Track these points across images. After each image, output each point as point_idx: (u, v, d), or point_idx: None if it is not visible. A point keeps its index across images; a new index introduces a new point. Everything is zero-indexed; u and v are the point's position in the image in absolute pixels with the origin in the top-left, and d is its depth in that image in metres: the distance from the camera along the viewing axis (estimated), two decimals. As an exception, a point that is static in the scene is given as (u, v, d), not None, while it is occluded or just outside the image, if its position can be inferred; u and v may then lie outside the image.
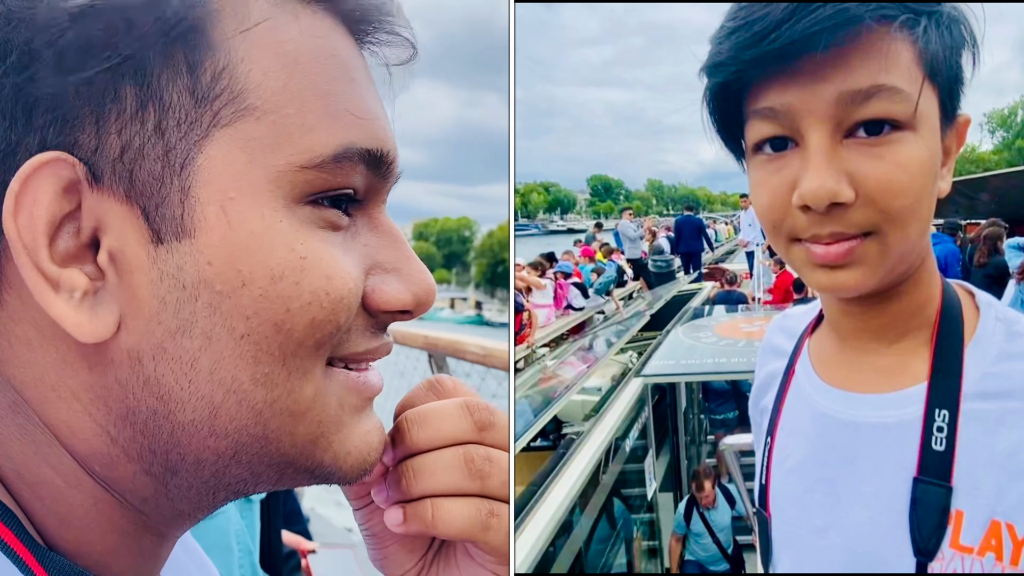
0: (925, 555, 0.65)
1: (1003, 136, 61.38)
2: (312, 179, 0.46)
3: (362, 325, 0.50)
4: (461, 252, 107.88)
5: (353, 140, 0.47)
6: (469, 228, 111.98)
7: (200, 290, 0.44)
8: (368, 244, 0.51)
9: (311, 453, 0.49)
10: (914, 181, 0.63)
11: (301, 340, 0.46)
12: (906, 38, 0.62)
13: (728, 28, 0.64)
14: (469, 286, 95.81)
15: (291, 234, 0.46)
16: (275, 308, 0.45)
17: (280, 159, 0.45)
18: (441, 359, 2.73)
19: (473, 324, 66.15)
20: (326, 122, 0.47)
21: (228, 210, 0.44)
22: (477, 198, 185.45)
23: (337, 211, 0.48)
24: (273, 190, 0.45)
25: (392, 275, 0.51)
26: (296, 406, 0.47)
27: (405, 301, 0.51)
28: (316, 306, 0.46)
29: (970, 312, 0.72)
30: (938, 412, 0.67)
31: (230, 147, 0.45)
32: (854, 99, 0.61)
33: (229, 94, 0.45)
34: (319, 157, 0.46)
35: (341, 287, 0.47)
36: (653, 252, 12.41)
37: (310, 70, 0.47)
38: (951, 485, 0.65)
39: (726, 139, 0.72)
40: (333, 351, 0.49)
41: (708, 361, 5.06)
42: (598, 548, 4.41)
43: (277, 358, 0.46)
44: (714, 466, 5.19)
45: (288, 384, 0.47)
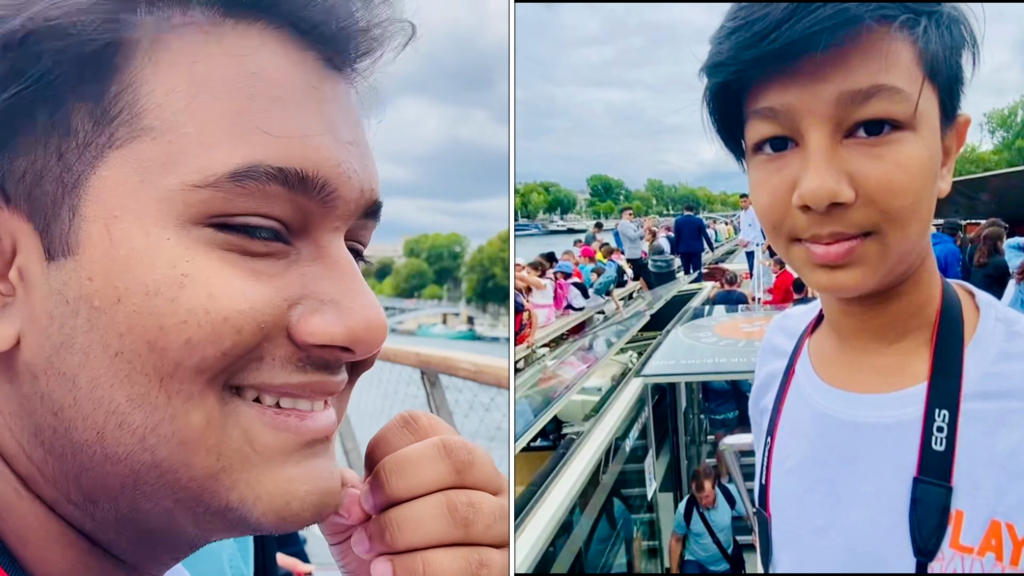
0: (925, 555, 0.65)
1: (1003, 136, 61.40)
2: (208, 199, 0.44)
3: (284, 356, 0.47)
4: (452, 268, 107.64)
5: (260, 159, 0.45)
6: (460, 243, 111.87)
7: (80, 305, 0.44)
8: (305, 274, 0.48)
9: (214, 490, 0.46)
10: (914, 181, 0.63)
11: (177, 361, 0.44)
12: (906, 38, 0.62)
13: (728, 28, 0.64)
14: (461, 301, 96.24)
15: (176, 251, 0.44)
16: (148, 325, 0.43)
17: (173, 179, 0.44)
18: (434, 376, 2.74)
19: (466, 339, 66.60)
20: (229, 141, 0.45)
21: (112, 228, 0.44)
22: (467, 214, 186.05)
23: (247, 236, 0.46)
24: (164, 209, 0.44)
25: (328, 307, 0.48)
26: (184, 434, 0.45)
27: (333, 335, 0.47)
28: (192, 325, 0.43)
29: (970, 312, 0.72)
30: (938, 412, 0.67)
31: (122, 167, 0.44)
32: (854, 99, 0.61)
33: (127, 115, 0.45)
34: (213, 176, 0.44)
35: (226, 306, 0.44)
36: (653, 252, 12.42)
37: (220, 89, 0.46)
38: (951, 485, 0.65)
39: (726, 139, 0.72)
40: (241, 379, 0.46)
41: (708, 361, 5.06)
42: (598, 548, 4.41)
43: (152, 378, 0.44)
44: (714, 466, 5.19)
45: (169, 408, 0.44)
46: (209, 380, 0.45)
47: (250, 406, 0.47)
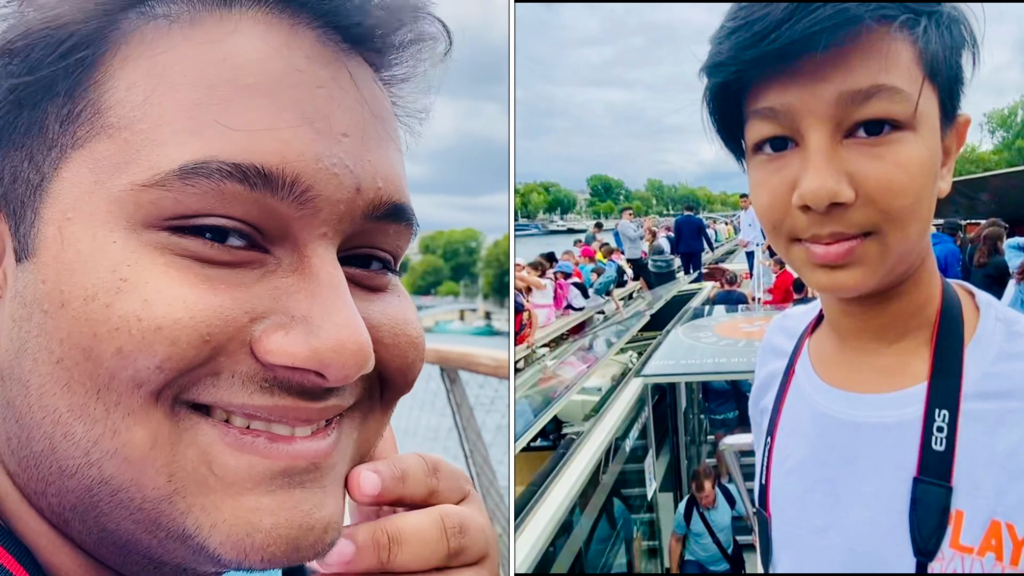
0: (925, 555, 0.65)
1: (1003, 136, 61.40)
2: (157, 199, 0.41)
3: (245, 374, 0.42)
4: (468, 263, 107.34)
5: (213, 154, 0.41)
6: (475, 239, 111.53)
7: (34, 309, 0.42)
8: (279, 287, 0.43)
9: (169, 513, 0.42)
10: (914, 181, 0.63)
11: (113, 371, 0.40)
12: (906, 38, 0.62)
13: (728, 28, 0.64)
14: (477, 297, 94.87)
15: (120, 256, 0.41)
16: (83, 332, 0.40)
17: (123, 179, 0.42)
18: (453, 372, 2.72)
19: (484, 335, 65.69)
20: (181, 136, 0.41)
21: (64, 230, 0.42)
22: (481, 209, 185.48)
23: (202, 240, 0.42)
24: (114, 211, 0.42)
25: (296, 324, 0.43)
26: (127, 451, 0.41)
27: (295, 355, 0.42)
28: (124, 333, 0.40)
29: (970, 312, 0.72)
30: (938, 412, 0.67)
31: (79, 168, 0.43)
32: (854, 99, 0.61)
33: (90, 113, 0.43)
34: (160, 174, 0.41)
35: (161, 315, 0.40)
36: (653, 252, 12.42)
37: (180, 80, 0.42)
38: (951, 485, 0.65)
39: (726, 139, 0.72)
40: (192, 395, 0.42)
41: (708, 361, 5.06)
42: (598, 548, 4.41)
43: (90, 389, 0.41)
44: (714, 466, 5.19)
45: (108, 422, 0.41)
46: (151, 394, 0.41)
47: (213, 425, 0.43)
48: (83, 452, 0.41)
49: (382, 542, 0.47)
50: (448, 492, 0.52)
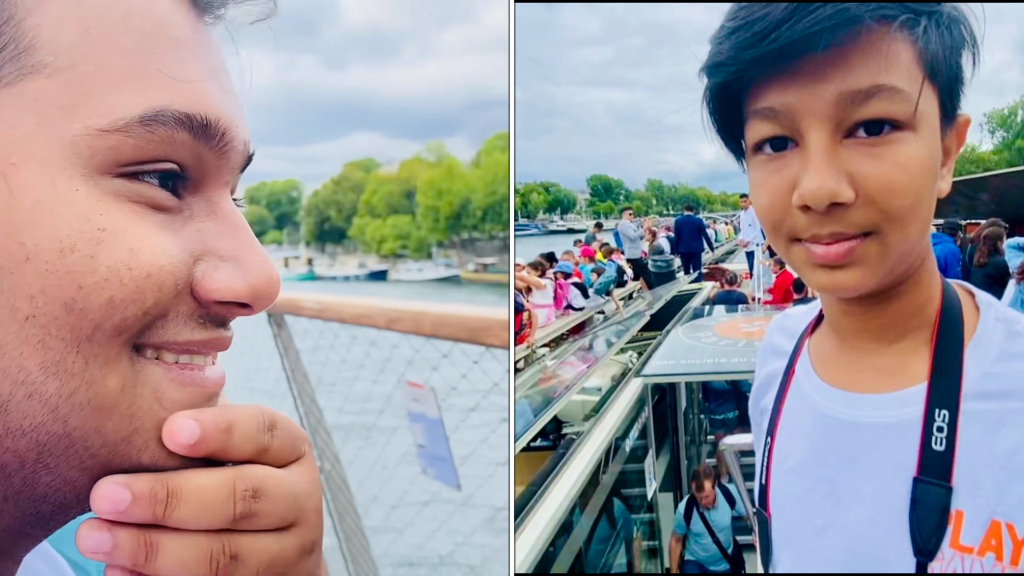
0: (925, 555, 0.65)
1: (1003, 136, 61.37)
2: (117, 145, 0.42)
3: (186, 313, 0.45)
4: (291, 212, 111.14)
5: (166, 103, 0.43)
6: (296, 188, 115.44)
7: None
8: (201, 230, 0.46)
9: (126, 453, 0.44)
10: (914, 181, 0.63)
11: (98, 322, 0.41)
12: (906, 38, 0.62)
13: (728, 28, 0.64)
14: (300, 244, 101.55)
15: (89, 204, 0.41)
16: (64, 285, 0.40)
17: (76, 122, 0.41)
18: (280, 318, 2.75)
19: (307, 280, 71.95)
20: (132, 83, 0.42)
21: (10, 177, 0.40)
22: (303, 158, 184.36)
23: (156, 187, 0.44)
24: (69, 156, 0.41)
25: (228, 263, 0.46)
26: (99, 399, 0.42)
27: (238, 291, 0.46)
28: (115, 282, 0.41)
29: (970, 312, 0.72)
30: (938, 412, 0.67)
31: (15, 108, 0.41)
32: (854, 99, 0.61)
33: (14, 49, 0.41)
34: (122, 120, 0.42)
35: (149, 262, 0.42)
36: (653, 252, 12.42)
37: (115, 26, 0.43)
38: (951, 485, 0.65)
39: (726, 139, 0.72)
40: (146, 338, 0.44)
41: (708, 361, 5.06)
42: (598, 548, 4.41)
43: (69, 343, 0.41)
44: (714, 466, 5.19)
45: (86, 374, 0.41)
46: (127, 342, 0.43)
47: (156, 364, 0.45)
48: (51, 409, 0.41)
49: (159, 496, 0.45)
50: (280, 451, 0.49)
